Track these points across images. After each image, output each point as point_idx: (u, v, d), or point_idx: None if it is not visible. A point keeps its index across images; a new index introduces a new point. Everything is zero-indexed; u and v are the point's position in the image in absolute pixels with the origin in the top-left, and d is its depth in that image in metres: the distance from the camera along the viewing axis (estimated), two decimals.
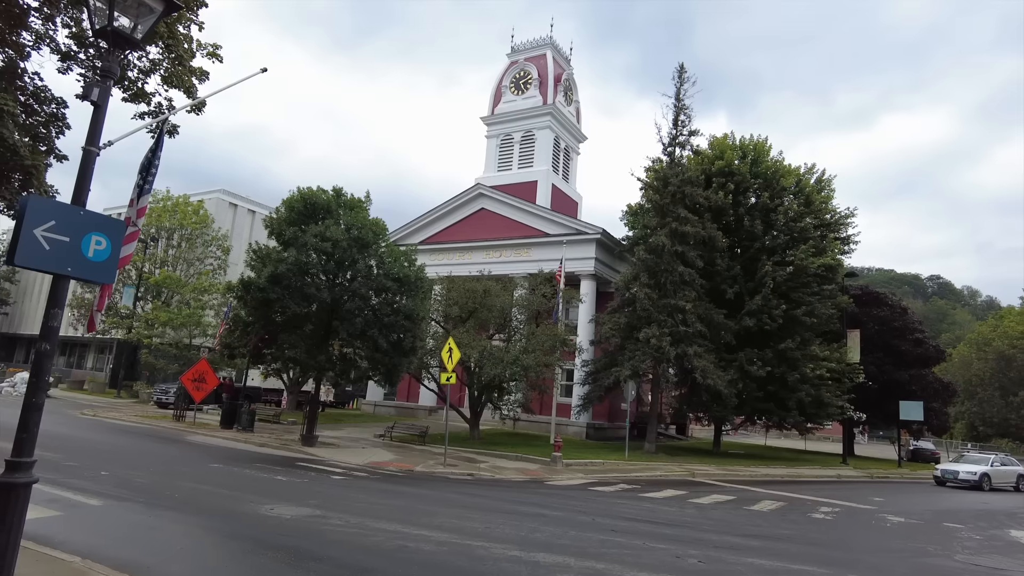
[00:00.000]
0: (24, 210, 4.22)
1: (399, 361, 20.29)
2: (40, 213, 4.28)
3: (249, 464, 15.14)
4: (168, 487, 10.94)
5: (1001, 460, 28.02)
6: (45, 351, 4.31)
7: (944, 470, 26.76)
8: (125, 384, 37.12)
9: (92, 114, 4.68)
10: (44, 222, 4.29)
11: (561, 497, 14.62)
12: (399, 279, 20.10)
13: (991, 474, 25.88)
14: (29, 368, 41.23)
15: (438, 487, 14.50)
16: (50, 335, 4.35)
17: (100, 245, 4.61)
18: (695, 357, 26.24)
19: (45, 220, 4.30)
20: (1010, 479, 27.14)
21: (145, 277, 38.28)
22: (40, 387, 4.32)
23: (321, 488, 12.39)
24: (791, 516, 14.55)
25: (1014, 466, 28.15)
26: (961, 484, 25.26)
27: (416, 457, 21.02)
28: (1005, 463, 27.94)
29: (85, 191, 4.60)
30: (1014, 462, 28.90)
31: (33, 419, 4.26)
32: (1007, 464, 28.03)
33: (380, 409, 41.25)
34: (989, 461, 27.00)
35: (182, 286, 33.58)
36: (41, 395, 4.36)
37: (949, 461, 29.95)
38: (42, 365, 4.34)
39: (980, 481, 25.14)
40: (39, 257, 4.28)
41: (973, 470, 25.74)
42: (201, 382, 24.25)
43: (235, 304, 20.62)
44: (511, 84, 44.47)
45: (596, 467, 23.01)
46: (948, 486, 25.40)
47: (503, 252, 37.97)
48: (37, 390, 4.30)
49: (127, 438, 19.13)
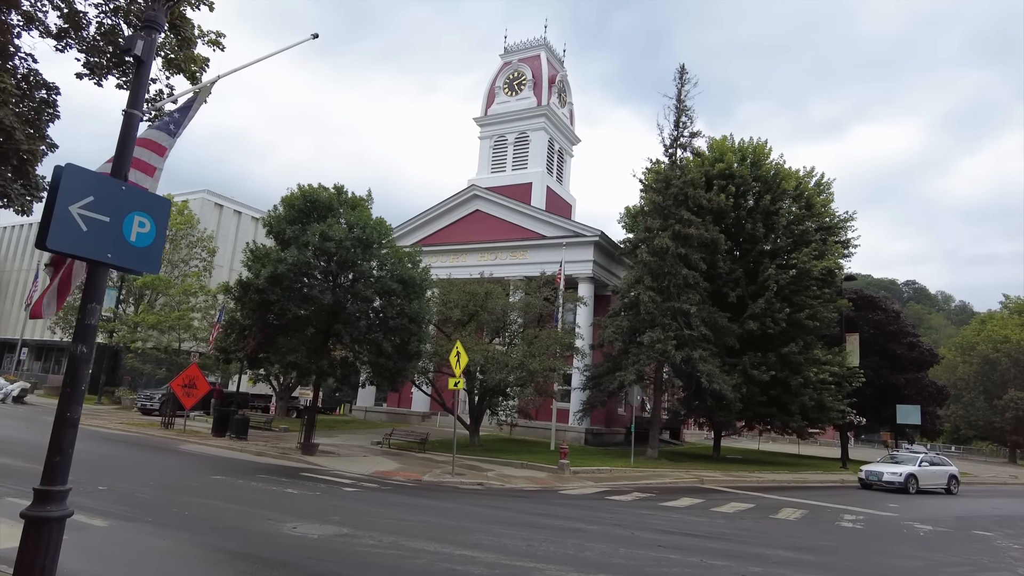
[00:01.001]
0: (59, 182, 3.47)
1: (404, 365, 19.51)
2: (77, 187, 3.53)
3: (252, 475, 14.25)
4: (174, 503, 10.07)
5: (931, 460, 25.73)
6: (82, 355, 3.56)
7: (869, 471, 24.28)
8: (106, 390, 35.67)
9: (135, 72, 3.94)
10: (81, 197, 3.54)
11: (584, 508, 13.97)
12: (404, 281, 19.33)
13: (918, 475, 23.73)
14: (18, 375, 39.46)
15: (455, 499, 13.76)
16: (87, 335, 3.60)
17: (143, 227, 3.86)
18: (700, 361, 25.79)
19: (82, 195, 3.55)
20: (940, 480, 24.84)
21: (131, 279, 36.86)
22: (75, 398, 3.57)
23: (336, 502, 11.59)
24: (820, 525, 14.06)
25: (945, 466, 25.74)
26: (886, 487, 23.05)
27: (420, 465, 20.23)
28: (935, 463, 25.69)
29: (126, 163, 3.85)
30: (946, 462, 26.56)
31: (67, 438, 3.51)
32: (937, 464, 25.68)
33: (371, 415, 40.25)
34: (917, 461, 24.83)
35: (170, 287, 32.34)
36: (77, 409, 3.61)
37: (877, 461, 27.30)
38: (77, 372, 3.58)
39: (906, 483, 23.00)
40: (75, 240, 3.52)
41: (898, 471, 23.48)
42: (192, 388, 23.14)
43: (231, 306, 19.66)
44: (505, 85, 43.90)
45: (604, 474, 22.41)
46: (875, 489, 23.17)
47: (498, 255, 37.28)
48: (72, 402, 3.54)
49: (117, 448, 18.07)
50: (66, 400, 3.52)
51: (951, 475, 25.13)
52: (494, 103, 43.80)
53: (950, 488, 24.88)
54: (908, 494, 22.63)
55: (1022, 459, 63.78)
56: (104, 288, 3.72)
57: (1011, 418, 56.53)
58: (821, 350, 29.89)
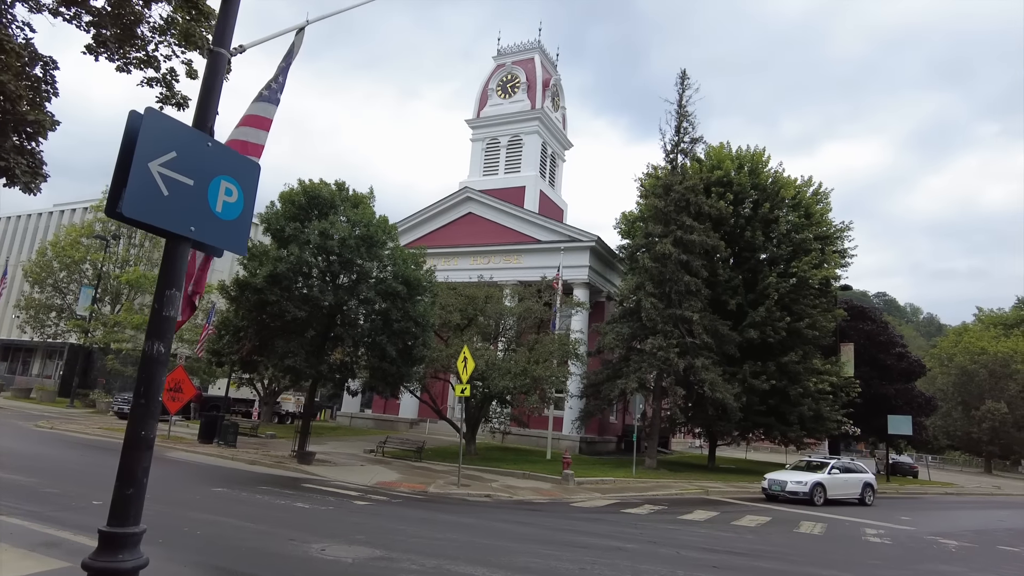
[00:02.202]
0: (136, 131, 2.71)
1: (407, 370, 18.69)
2: (158, 138, 2.77)
3: (253, 487, 13.29)
4: (181, 521, 9.14)
5: (843, 466, 22.61)
6: (158, 356, 2.79)
7: (772, 480, 21.08)
8: (80, 392, 34.00)
9: (221, 5, 3.18)
10: (162, 152, 2.78)
11: (608, 523, 13.30)
12: (408, 283, 18.51)
13: (826, 484, 20.73)
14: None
15: (472, 512, 12.99)
16: (164, 330, 2.83)
17: (231, 196, 3.11)
18: (703, 370, 25.37)
19: (164, 150, 2.79)
20: (852, 490, 21.83)
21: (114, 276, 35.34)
22: (151, 412, 2.80)
23: (354, 517, 10.75)
24: (848, 540, 13.62)
25: (860, 473, 22.69)
26: (790, 498, 20.19)
27: (421, 476, 19.38)
28: (848, 469, 22.62)
29: (212, 111, 3.09)
30: (861, 468, 23.35)
31: (141, 462, 2.74)
32: (851, 471, 22.58)
33: (357, 421, 39.15)
34: (827, 467, 21.70)
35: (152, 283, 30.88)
36: (152, 426, 2.83)
37: (786, 467, 23.99)
38: (153, 378, 2.81)
39: (811, 494, 20.04)
40: (155, 206, 2.76)
41: (803, 480, 20.50)
42: (177, 392, 21.92)
43: (224, 306, 18.63)
44: (498, 87, 43.32)
45: (608, 485, 21.80)
46: (780, 501, 20.30)
47: (491, 258, 36.55)
48: (147, 417, 2.76)
49: (101, 456, 16.88)
50: (140, 415, 2.73)
51: (866, 483, 22.24)
52: (487, 105, 43.18)
53: (864, 498, 21.88)
54: (814, 506, 19.90)
55: (997, 469, 64.85)
56: (184, 270, 2.95)
57: (987, 428, 57.39)
58: (819, 360, 29.73)
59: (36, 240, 50.43)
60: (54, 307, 36.92)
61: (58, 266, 37.17)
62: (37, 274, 36.46)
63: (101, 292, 35.83)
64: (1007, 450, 60.42)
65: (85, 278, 37.38)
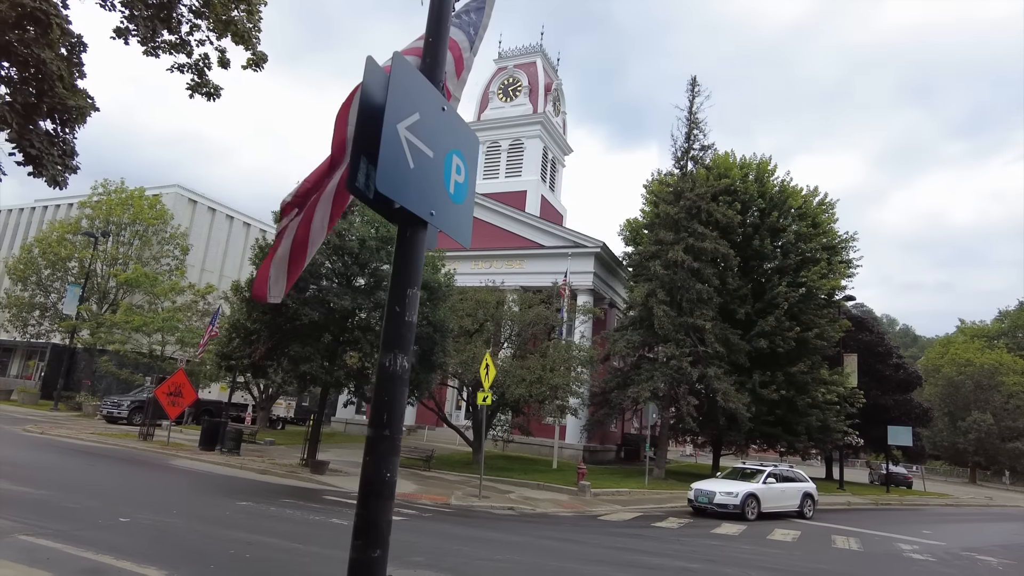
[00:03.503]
0: (377, 86, 2.14)
1: (426, 377, 18.01)
2: (406, 91, 2.20)
3: (277, 500, 12.54)
4: (223, 541, 8.42)
5: (780, 474, 19.78)
6: (401, 371, 2.19)
7: (700, 491, 18.45)
8: (65, 395, 32.62)
9: None
10: (408, 113, 2.21)
11: (651, 539, 12.80)
12: (428, 287, 17.87)
13: (760, 495, 18.32)
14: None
15: (510, 528, 12.41)
16: (406, 339, 2.23)
17: (459, 174, 2.54)
18: (715, 379, 25.04)
19: (409, 110, 2.22)
20: (791, 501, 19.42)
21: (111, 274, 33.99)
22: (395, 447, 2.18)
23: (399, 535, 10.01)
24: (892, 558, 13.30)
25: (799, 482, 20.16)
26: (719, 511, 17.63)
27: (438, 486, 18.68)
28: (786, 477, 19.90)
29: (440, 58, 2.52)
30: (801, 477, 20.55)
31: (386, 514, 2.16)
32: (789, 479, 19.97)
33: (351, 428, 38.20)
34: (762, 476, 19.17)
35: (155, 284, 29.71)
36: (396, 463, 2.21)
37: (716, 476, 21.53)
38: (395, 401, 2.20)
39: (742, 506, 17.52)
40: (402, 182, 2.18)
41: (733, 491, 17.91)
42: (177, 396, 21.04)
43: (234, 308, 17.81)
44: (499, 90, 42.86)
45: (625, 496, 21.33)
46: (708, 515, 17.84)
47: (493, 263, 35.93)
48: (391, 454, 2.15)
49: (106, 465, 15.95)
50: (383, 452, 2.11)
51: (805, 494, 19.84)
52: (487, 108, 42.69)
53: (803, 510, 19.59)
54: (747, 521, 17.46)
55: (981, 480, 65.68)
56: (422, 262, 2.36)
57: (973, 439, 58.08)
58: (826, 371, 29.63)
59: (16, 237, 48.69)
60: (38, 306, 35.49)
61: (43, 263, 35.78)
62: (21, 271, 35.03)
63: (88, 291, 34.53)
64: (991, 461, 61.21)
65: (71, 276, 36.01)
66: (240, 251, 47.98)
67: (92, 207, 36.66)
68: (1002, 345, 68.05)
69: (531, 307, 26.18)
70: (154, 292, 29.25)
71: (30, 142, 6.85)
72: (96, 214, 36.28)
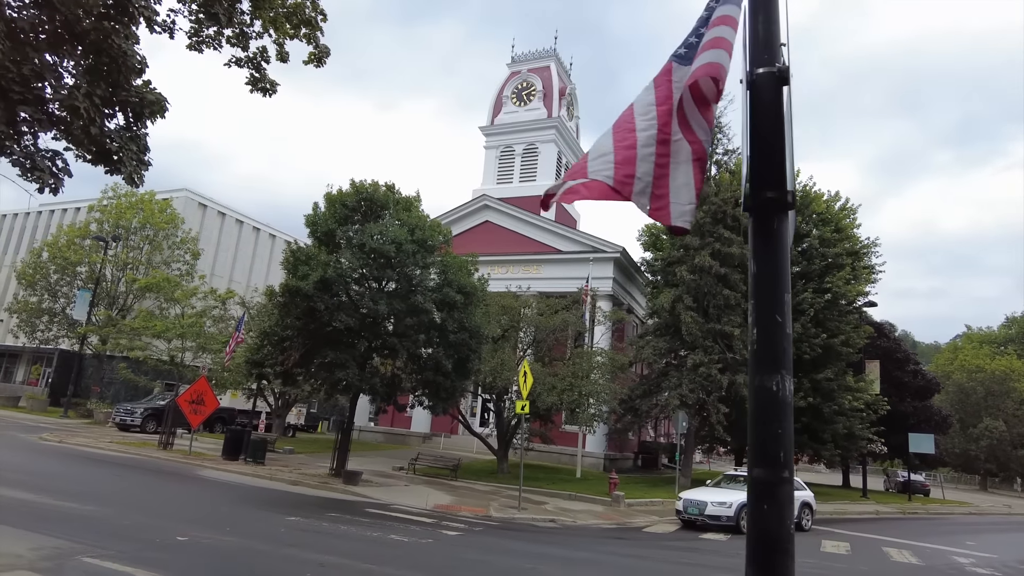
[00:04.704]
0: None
1: (461, 384, 17.58)
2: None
3: (323, 515, 12.05)
4: (293, 563, 7.94)
5: None
6: (787, 396, 1.77)
7: (690, 501, 16.96)
8: (76, 402, 32.01)
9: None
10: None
11: (705, 553, 12.41)
12: (465, 291, 17.45)
13: None
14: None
15: (564, 542, 11.98)
16: (785, 353, 1.80)
17: None
18: (744, 387, 24.60)
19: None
20: None
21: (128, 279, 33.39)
22: (791, 478, 1.76)
23: (467, 553, 9.66)
24: (954, 570, 12.92)
25: (796, 491, 17.80)
26: (711, 524, 16.16)
27: (472, 497, 18.21)
28: None
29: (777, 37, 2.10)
30: (799, 485, 18.86)
31: (788, 566, 1.69)
32: None
33: (365, 435, 37.61)
34: None
35: (175, 289, 29.11)
36: (791, 508, 1.78)
37: (706, 485, 19.81)
38: (788, 427, 1.77)
39: (736, 518, 15.83)
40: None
41: (726, 500, 16.41)
42: (199, 404, 20.57)
43: (268, 314, 17.34)
44: (513, 95, 42.58)
45: (659, 506, 20.88)
46: (698, 527, 16.36)
47: (510, 268, 35.52)
48: (790, 488, 1.73)
49: (136, 476, 15.43)
50: (780, 496, 1.71)
51: (804, 503, 18.46)
52: (501, 112, 42.40)
53: (801, 522, 18.03)
54: (741, 534, 14.75)
55: (992, 487, 65.33)
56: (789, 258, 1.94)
57: (985, 447, 57.74)
58: (851, 377, 29.27)
59: (22, 241, 48.07)
60: (47, 311, 34.89)
61: (52, 268, 35.21)
62: (31, 276, 34.44)
63: (98, 296, 33.97)
64: (1002, 468, 60.88)
65: (79, 280, 35.44)
66: (249, 256, 47.46)
67: (102, 211, 36.14)
68: (1012, 351, 67.81)
69: (556, 312, 25.75)
70: (174, 297, 28.69)
71: (109, 138, 6.41)
72: (105, 218, 35.75)
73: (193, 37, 9.65)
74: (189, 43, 9.67)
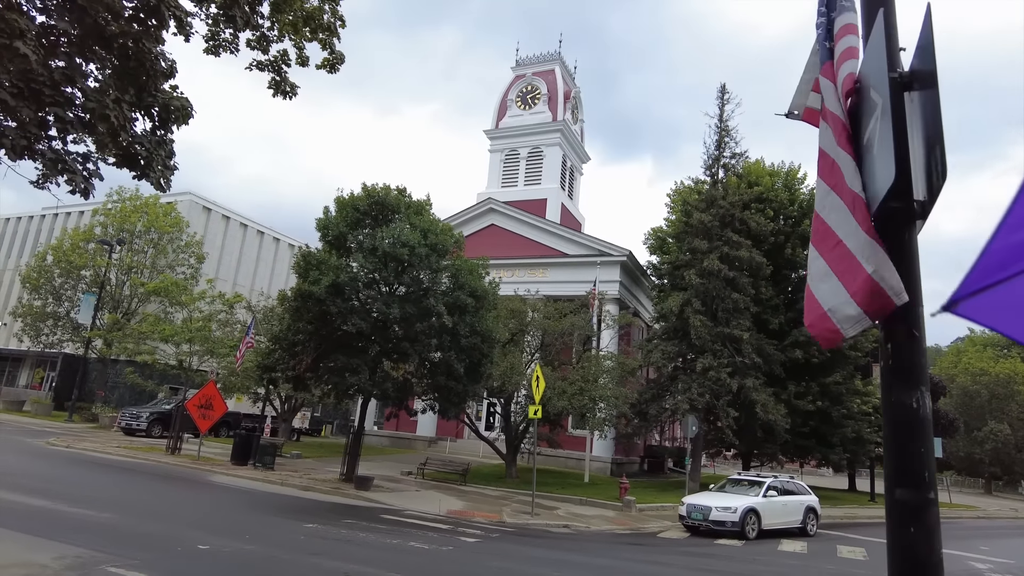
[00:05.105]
0: None
1: (473, 388, 17.48)
2: None
3: (339, 522, 11.95)
4: (319, 572, 7.85)
5: (781, 486, 17.77)
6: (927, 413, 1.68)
7: (693, 506, 16.35)
8: (80, 406, 31.89)
9: None
10: None
11: (722, 559, 12.32)
12: (477, 295, 17.37)
13: (760, 511, 16.23)
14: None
15: (580, 548, 11.90)
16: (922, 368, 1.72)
17: None
18: (753, 391, 24.54)
19: None
20: (793, 517, 17.53)
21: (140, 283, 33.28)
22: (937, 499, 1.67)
23: (491, 561, 9.59)
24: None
25: (801, 495, 18.33)
26: (715, 529, 15.60)
27: (484, 503, 18.11)
28: (788, 490, 17.96)
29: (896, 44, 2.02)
30: (802, 489, 18.69)
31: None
32: (791, 492, 18.07)
33: (370, 439, 37.34)
34: (762, 488, 17.06)
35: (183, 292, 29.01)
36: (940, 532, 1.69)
37: (710, 488, 19.46)
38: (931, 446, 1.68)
39: (742, 523, 15.46)
40: None
41: (731, 505, 15.85)
42: (208, 409, 20.43)
43: (278, 318, 17.25)
44: (517, 98, 42.55)
45: (669, 511, 20.72)
46: (702, 532, 15.86)
47: (516, 271, 35.39)
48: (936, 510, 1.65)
49: (146, 481, 15.32)
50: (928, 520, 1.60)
51: (808, 508, 18.00)
52: (505, 116, 42.37)
53: (806, 527, 17.69)
54: (746, 540, 15.41)
55: (996, 490, 65.13)
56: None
57: (990, 450, 57.59)
58: (860, 381, 29.19)
59: (25, 245, 47.97)
60: (52, 315, 34.80)
61: (56, 272, 35.13)
62: (35, 280, 34.35)
63: (102, 300, 33.87)
64: (1007, 471, 60.71)
65: (83, 284, 35.36)
66: (254, 260, 47.37)
67: (106, 214, 36.08)
68: (1015, 354, 67.65)
69: (564, 316, 25.66)
70: (181, 301, 28.61)
71: (140, 143, 6.33)
72: (110, 221, 35.69)
73: (210, 40, 9.57)
74: (206, 47, 9.62)
